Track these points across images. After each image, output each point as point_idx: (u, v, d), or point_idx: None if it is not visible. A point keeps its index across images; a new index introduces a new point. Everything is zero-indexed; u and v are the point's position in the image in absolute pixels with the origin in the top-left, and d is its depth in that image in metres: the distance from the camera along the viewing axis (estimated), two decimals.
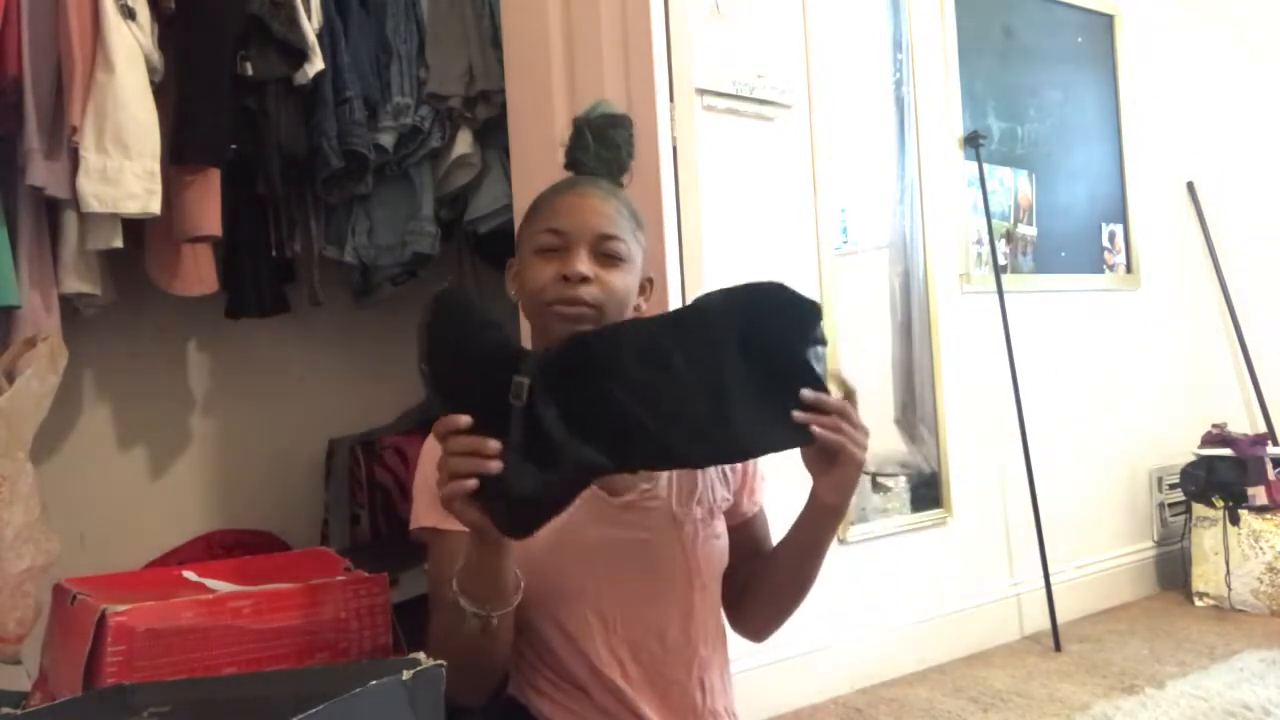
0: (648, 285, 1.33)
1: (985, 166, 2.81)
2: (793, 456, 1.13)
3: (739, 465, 1.34)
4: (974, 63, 2.83)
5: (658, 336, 1.05)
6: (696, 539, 1.25)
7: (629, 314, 1.26)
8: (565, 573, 1.19)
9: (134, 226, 2.12)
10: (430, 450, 1.24)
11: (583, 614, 1.20)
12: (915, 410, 2.70)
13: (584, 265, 1.20)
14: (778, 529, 1.31)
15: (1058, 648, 2.61)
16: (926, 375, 2.68)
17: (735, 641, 1.36)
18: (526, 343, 1.59)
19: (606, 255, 1.22)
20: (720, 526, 1.30)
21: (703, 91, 2.19)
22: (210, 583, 1.30)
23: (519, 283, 1.27)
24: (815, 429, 1.07)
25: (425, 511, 1.23)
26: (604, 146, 1.32)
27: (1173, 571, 3.17)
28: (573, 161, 1.33)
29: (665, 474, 1.25)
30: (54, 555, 1.73)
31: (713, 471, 1.30)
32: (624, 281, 1.23)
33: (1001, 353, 2.74)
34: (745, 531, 1.35)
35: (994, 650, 2.64)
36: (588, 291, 1.19)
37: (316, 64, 2.30)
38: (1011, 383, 2.73)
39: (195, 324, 2.64)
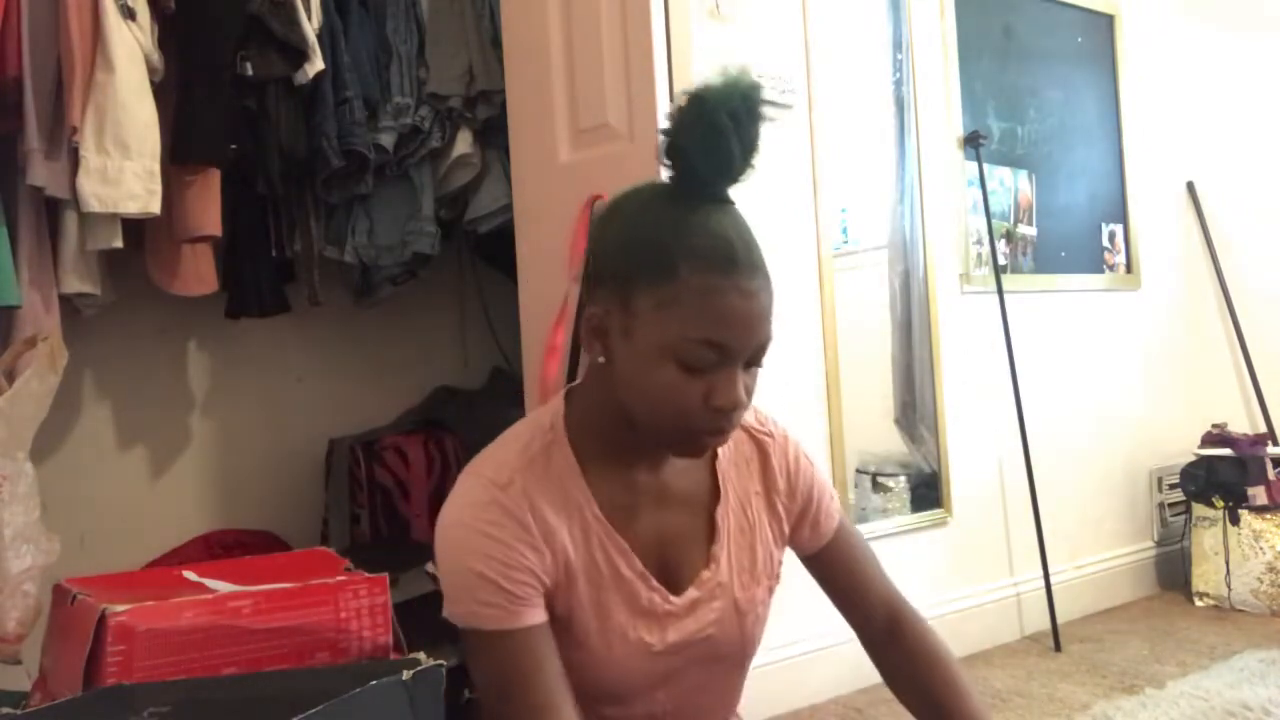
0: None
1: (985, 166, 2.81)
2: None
3: (792, 499, 1.17)
4: (974, 63, 2.83)
5: None
6: (758, 624, 1.13)
7: None
8: (623, 677, 1.07)
9: (134, 226, 2.12)
10: (461, 539, 1.01)
11: (633, 710, 1.10)
12: (915, 410, 2.70)
13: (742, 390, 0.97)
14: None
15: (1058, 648, 2.61)
16: (926, 375, 2.68)
17: None
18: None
19: (754, 361, 0.99)
20: (771, 595, 1.16)
21: None
22: (210, 583, 1.30)
23: (629, 372, 0.99)
24: None
25: (484, 609, 0.99)
26: (743, 146, 0.94)
27: (1173, 571, 3.17)
28: (688, 167, 0.96)
29: (725, 552, 1.11)
30: (54, 555, 1.74)
31: (768, 531, 1.15)
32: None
33: (1001, 353, 2.74)
34: (825, 559, 1.20)
35: (994, 650, 2.63)
36: (738, 415, 0.99)
37: (316, 64, 2.30)
38: (1011, 383, 2.73)
39: (195, 324, 2.64)
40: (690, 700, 1.13)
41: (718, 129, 0.92)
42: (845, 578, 1.20)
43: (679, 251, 0.94)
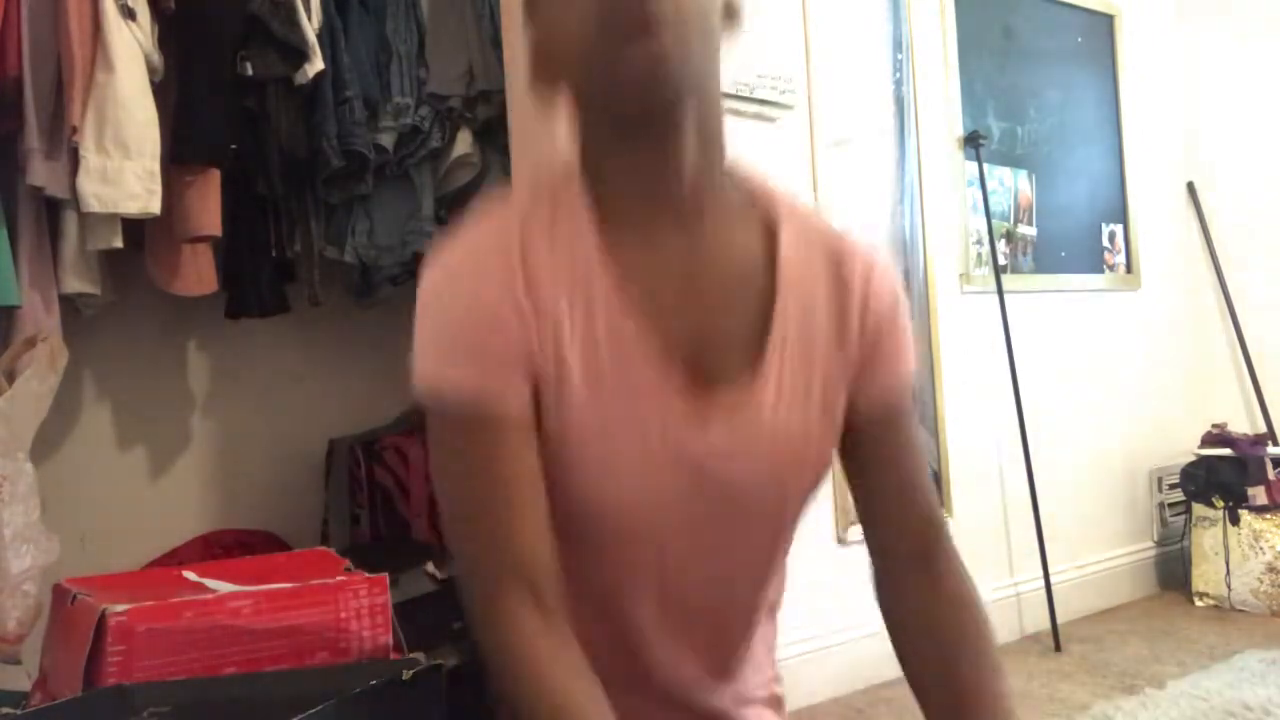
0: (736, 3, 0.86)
1: (985, 166, 2.81)
2: None
3: (864, 330, 0.88)
4: (974, 63, 2.83)
5: None
6: (803, 472, 0.87)
7: (714, 42, 0.84)
8: (624, 499, 0.83)
9: (134, 226, 2.12)
10: (438, 285, 0.86)
11: (638, 554, 0.85)
12: (915, 410, 2.70)
13: None
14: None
15: (1058, 648, 2.61)
16: (926, 375, 2.68)
17: None
18: None
19: None
20: (830, 447, 0.90)
21: None
22: (210, 583, 1.30)
23: (547, 60, 0.83)
24: None
25: (452, 371, 0.81)
26: None
27: (1173, 571, 3.17)
28: None
29: (774, 367, 0.84)
30: (54, 555, 1.74)
31: (831, 356, 0.87)
32: None
33: (1001, 353, 2.74)
34: (873, 437, 0.91)
35: None
36: (655, 6, 0.75)
37: (316, 64, 2.30)
38: (1011, 383, 2.73)
39: (195, 324, 2.64)
40: (705, 564, 0.87)
41: None
42: (891, 473, 0.93)
43: None
